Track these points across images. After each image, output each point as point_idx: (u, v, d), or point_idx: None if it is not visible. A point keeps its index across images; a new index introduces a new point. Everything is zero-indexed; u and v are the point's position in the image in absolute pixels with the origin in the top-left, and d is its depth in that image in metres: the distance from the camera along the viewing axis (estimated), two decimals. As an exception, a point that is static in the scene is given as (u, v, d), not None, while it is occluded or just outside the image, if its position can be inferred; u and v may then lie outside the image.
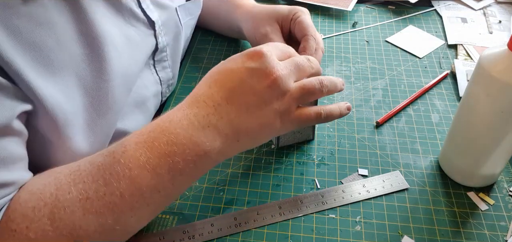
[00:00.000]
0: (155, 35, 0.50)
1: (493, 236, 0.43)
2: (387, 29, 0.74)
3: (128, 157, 0.37)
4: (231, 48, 0.70)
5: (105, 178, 0.36)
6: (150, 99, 0.54)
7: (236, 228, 0.44)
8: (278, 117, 0.41)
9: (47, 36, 0.36)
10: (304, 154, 0.52)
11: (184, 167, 0.38)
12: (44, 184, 0.36)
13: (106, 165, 0.36)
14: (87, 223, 0.35)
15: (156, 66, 0.53)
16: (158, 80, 0.55)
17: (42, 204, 0.35)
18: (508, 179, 0.49)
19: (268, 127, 0.41)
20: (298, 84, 0.42)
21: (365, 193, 0.47)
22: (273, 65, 0.40)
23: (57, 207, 0.35)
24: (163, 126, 0.38)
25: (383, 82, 0.63)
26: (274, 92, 0.40)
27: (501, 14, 0.78)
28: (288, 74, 0.41)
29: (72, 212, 0.35)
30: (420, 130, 0.55)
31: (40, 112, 0.37)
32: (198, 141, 0.38)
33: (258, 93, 0.40)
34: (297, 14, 0.56)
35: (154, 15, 0.49)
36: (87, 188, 0.36)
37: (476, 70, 0.41)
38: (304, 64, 0.43)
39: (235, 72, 0.41)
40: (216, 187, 0.48)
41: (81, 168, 0.37)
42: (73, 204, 0.35)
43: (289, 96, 0.41)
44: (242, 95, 0.40)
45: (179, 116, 0.39)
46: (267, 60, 0.40)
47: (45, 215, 0.34)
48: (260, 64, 0.40)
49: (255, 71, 0.40)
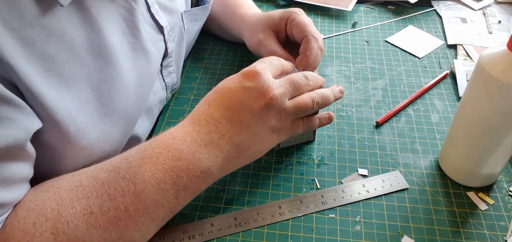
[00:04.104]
0: (165, 41, 0.50)
1: (493, 236, 0.43)
2: (387, 29, 0.74)
3: (133, 172, 0.37)
4: (231, 48, 0.70)
5: (109, 193, 0.36)
6: (157, 105, 0.54)
7: (236, 228, 0.44)
8: (275, 133, 0.44)
9: (60, 47, 0.36)
10: (304, 154, 0.52)
11: (188, 182, 0.39)
12: (42, 200, 0.36)
13: (111, 181, 0.37)
14: (91, 238, 0.35)
15: (163, 72, 0.54)
16: (164, 86, 0.55)
17: (43, 219, 0.34)
18: (508, 179, 0.49)
19: (266, 142, 0.43)
20: (292, 102, 0.44)
21: (365, 193, 0.47)
22: (268, 85, 0.42)
23: (60, 221, 0.35)
24: (168, 142, 0.39)
25: (383, 82, 0.63)
26: (270, 111, 0.42)
27: (500, 14, 0.78)
28: (284, 93, 0.43)
29: (76, 226, 0.35)
30: (420, 130, 0.55)
31: (49, 125, 0.36)
32: (201, 157, 0.39)
33: (256, 112, 0.41)
34: (291, 17, 0.56)
35: (163, 21, 0.50)
36: (91, 203, 0.36)
37: (476, 70, 0.41)
38: (301, 82, 0.45)
39: (233, 91, 0.42)
40: (216, 187, 0.48)
41: (83, 183, 0.37)
42: (77, 219, 0.35)
43: (284, 113, 0.43)
44: (241, 114, 0.41)
45: (182, 133, 0.40)
46: (263, 79, 0.42)
47: (48, 230, 0.34)
48: (256, 83, 0.42)
49: (252, 91, 0.42)
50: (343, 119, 0.57)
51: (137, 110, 0.46)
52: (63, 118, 0.37)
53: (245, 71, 0.43)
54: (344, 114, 0.58)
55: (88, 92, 0.39)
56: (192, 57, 0.69)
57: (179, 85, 0.63)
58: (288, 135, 0.45)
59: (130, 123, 0.45)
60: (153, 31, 0.48)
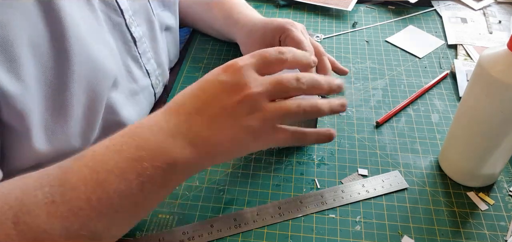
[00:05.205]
0: (127, 25, 0.50)
1: (493, 236, 0.43)
2: (387, 29, 0.74)
3: (96, 161, 0.36)
4: (231, 48, 0.70)
5: (72, 182, 0.35)
6: (140, 92, 0.54)
7: (236, 229, 0.44)
8: (250, 135, 0.39)
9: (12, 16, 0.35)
10: (304, 154, 0.52)
11: (153, 174, 0.37)
12: (10, 188, 0.35)
13: (74, 169, 0.36)
14: (52, 227, 0.34)
15: (142, 59, 0.54)
16: (146, 72, 0.55)
17: (6, 208, 0.34)
18: (508, 179, 0.49)
19: (239, 143, 0.40)
20: (274, 105, 0.40)
21: (364, 193, 0.47)
22: (245, 82, 0.39)
23: (21, 210, 0.34)
24: (135, 131, 0.38)
25: (383, 82, 0.63)
26: (243, 108, 0.39)
27: (501, 14, 0.78)
28: (263, 92, 0.39)
29: (37, 215, 0.34)
30: (420, 130, 0.55)
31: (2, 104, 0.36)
32: (167, 148, 0.37)
33: (227, 108, 0.39)
34: (285, 34, 0.56)
35: (123, 3, 0.49)
36: (53, 191, 0.35)
37: (476, 70, 0.41)
38: (289, 84, 0.40)
39: (208, 83, 0.40)
40: (216, 187, 0.48)
41: (49, 171, 0.36)
42: (38, 208, 0.34)
43: (261, 115, 0.39)
44: (210, 108, 0.39)
45: (151, 122, 0.39)
46: (241, 75, 0.39)
47: (9, 218, 0.33)
48: (232, 78, 0.39)
49: (226, 85, 0.39)
50: (343, 120, 0.57)
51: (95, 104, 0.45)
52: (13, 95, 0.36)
53: (227, 64, 0.41)
54: (344, 114, 0.57)
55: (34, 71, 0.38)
56: (192, 57, 0.69)
57: (179, 86, 0.63)
58: (270, 143, 0.41)
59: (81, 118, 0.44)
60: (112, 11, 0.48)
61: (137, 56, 0.53)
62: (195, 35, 0.74)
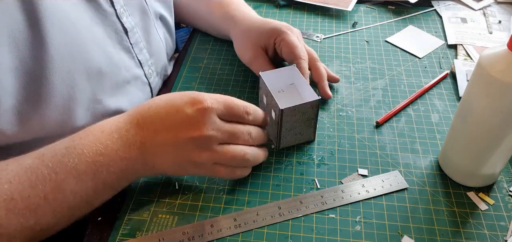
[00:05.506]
0: (117, 15, 0.50)
1: (493, 236, 0.43)
2: (387, 29, 0.74)
3: (56, 161, 0.38)
4: (231, 48, 0.70)
5: (31, 180, 0.37)
6: (132, 82, 0.54)
7: (235, 229, 0.44)
8: (192, 165, 0.43)
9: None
10: (304, 154, 0.52)
11: (107, 178, 0.40)
12: None
13: (34, 167, 0.38)
14: (9, 222, 0.36)
15: (134, 49, 0.54)
16: (138, 63, 0.55)
17: None
18: (508, 179, 0.49)
19: (180, 169, 0.44)
20: (222, 148, 0.43)
21: (364, 193, 0.47)
22: (204, 122, 0.42)
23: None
24: (96, 135, 0.41)
25: (383, 82, 0.63)
26: (194, 144, 0.42)
27: (501, 14, 0.78)
28: (217, 138, 0.42)
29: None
30: (420, 130, 0.55)
31: None
32: (123, 156, 0.41)
33: (179, 139, 0.42)
34: (280, 37, 0.57)
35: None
36: (13, 188, 0.36)
37: (476, 70, 0.41)
38: (242, 136, 0.45)
39: (173, 107, 0.43)
40: (216, 187, 0.48)
41: (9, 167, 0.38)
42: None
43: (209, 154, 0.43)
44: (167, 133, 0.42)
45: (112, 128, 0.41)
46: (204, 116, 0.42)
47: None
48: (195, 115, 0.42)
49: (187, 119, 0.42)
50: (343, 119, 0.57)
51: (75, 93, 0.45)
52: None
53: (195, 97, 0.43)
54: (344, 115, 0.57)
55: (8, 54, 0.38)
56: (192, 57, 0.69)
57: (179, 86, 0.63)
58: (206, 173, 0.46)
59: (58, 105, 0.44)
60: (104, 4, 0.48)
61: (128, 47, 0.53)
62: (195, 35, 0.74)
